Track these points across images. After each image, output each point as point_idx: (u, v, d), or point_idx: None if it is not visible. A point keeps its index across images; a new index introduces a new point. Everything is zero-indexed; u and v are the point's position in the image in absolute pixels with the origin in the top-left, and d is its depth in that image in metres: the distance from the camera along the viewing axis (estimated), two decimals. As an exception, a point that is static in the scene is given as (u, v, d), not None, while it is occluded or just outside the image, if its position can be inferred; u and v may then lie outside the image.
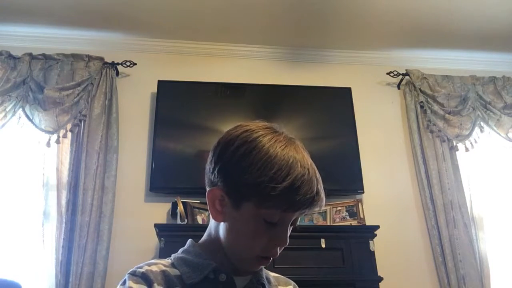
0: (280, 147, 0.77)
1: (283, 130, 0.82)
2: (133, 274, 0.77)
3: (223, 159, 0.80)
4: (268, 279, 0.88)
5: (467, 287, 2.61)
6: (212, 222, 0.85)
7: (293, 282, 0.94)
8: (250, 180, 0.75)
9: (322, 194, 0.78)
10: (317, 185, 0.77)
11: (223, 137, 0.83)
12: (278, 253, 0.80)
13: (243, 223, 0.78)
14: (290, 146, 0.78)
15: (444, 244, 2.72)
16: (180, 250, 0.86)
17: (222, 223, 0.81)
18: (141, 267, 0.79)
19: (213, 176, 0.81)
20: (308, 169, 0.76)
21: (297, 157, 0.77)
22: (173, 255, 0.85)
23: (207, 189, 0.82)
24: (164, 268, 0.80)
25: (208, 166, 0.83)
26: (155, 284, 0.76)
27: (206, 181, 0.84)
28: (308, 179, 0.75)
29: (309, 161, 0.79)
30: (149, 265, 0.80)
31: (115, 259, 2.52)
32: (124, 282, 0.77)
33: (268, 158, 0.75)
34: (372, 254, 2.42)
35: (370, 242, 2.44)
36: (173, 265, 0.82)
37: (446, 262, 2.68)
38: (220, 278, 0.79)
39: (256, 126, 0.81)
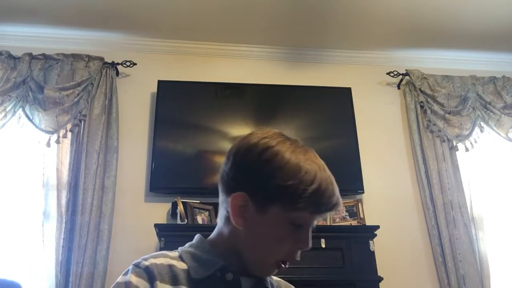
0: (301, 152, 0.79)
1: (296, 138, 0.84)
2: (137, 265, 0.77)
3: (245, 164, 0.80)
4: (271, 282, 0.88)
5: (467, 287, 2.61)
6: (224, 223, 0.84)
7: (293, 287, 0.94)
8: (278, 183, 0.76)
9: (340, 198, 0.81)
10: (336, 189, 0.80)
11: (240, 144, 0.83)
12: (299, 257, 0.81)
13: (268, 227, 0.78)
14: (309, 153, 0.81)
15: (444, 244, 2.72)
16: (188, 244, 0.86)
17: (241, 227, 0.80)
18: (146, 259, 0.78)
19: (234, 182, 0.81)
20: (329, 174, 0.80)
21: (318, 162, 0.80)
22: (180, 248, 0.85)
23: (224, 195, 0.82)
24: (171, 261, 0.79)
25: (227, 173, 0.82)
26: (158, 282, 0.75)
27: (224, 187, 0.83)
28: (330, 183, 0.79)
29: (326, 167, 0.82)
30: (155, 257, 0.79)
31: (115, 259, 2.52)
32: (127, 273, 0.77)
33: (294, 162, 0.77)
34: (372, 254, 2.42)
35: (370, 242, 2.45)
36: (180, 258, 0.81)
37: (446, 262, 2.68)
38: (226, 277, 0.78)
39: (273, 133, 0.83)
